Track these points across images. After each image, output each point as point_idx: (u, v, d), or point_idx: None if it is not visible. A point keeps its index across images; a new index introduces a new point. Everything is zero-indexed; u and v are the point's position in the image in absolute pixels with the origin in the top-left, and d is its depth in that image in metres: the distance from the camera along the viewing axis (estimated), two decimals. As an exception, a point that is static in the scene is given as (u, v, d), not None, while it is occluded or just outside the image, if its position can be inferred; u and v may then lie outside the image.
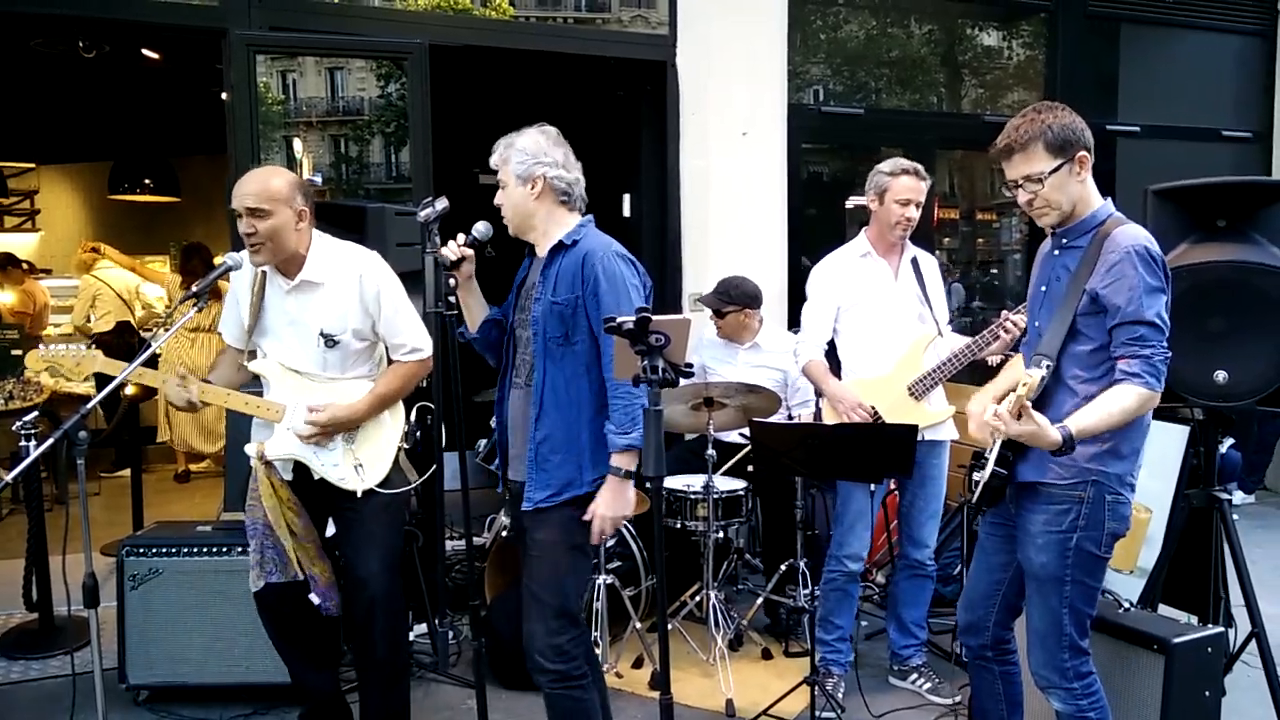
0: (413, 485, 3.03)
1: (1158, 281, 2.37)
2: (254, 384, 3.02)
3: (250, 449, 2.91)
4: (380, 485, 2.92)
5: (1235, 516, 3.38)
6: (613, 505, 2.56)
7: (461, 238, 2.65)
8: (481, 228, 2.68)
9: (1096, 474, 2.45)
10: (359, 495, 2.89)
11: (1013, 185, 2.54)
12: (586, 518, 2.57)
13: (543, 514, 2.61)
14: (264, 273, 2.93)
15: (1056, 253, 2.58)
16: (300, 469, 2.93)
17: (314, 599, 2.94)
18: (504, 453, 2.77)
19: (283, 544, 2.88)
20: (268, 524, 2.90)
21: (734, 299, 4.48)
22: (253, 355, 3.02)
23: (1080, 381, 2.47)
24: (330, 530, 3.06)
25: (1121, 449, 2.46)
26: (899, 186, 3.58)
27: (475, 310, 2.79)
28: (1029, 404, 2.28)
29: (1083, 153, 2.46)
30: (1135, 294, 2.35)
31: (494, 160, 2.69)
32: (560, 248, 2.63)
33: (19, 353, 5.52)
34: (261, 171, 2.88)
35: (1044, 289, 2.62)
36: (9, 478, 2.54)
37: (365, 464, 2.92)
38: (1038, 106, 2.50)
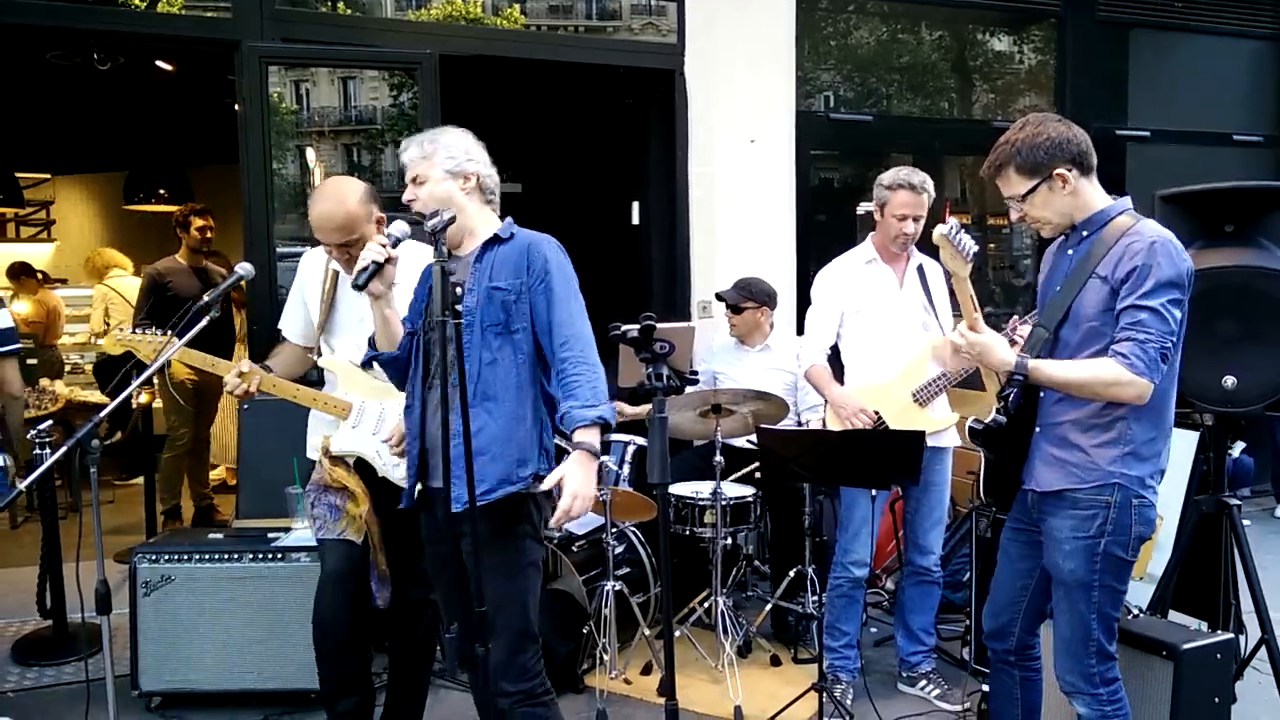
0: None
1: (1175, 277, 2.34)
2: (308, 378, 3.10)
3: (315, 443, 2.96)
4: None
5: (1247, 522, 3.37)
6: (585, 482, 2.35)
7: (384, 239, 2.43)
8: (400, 227, 2.47)
9: (1119, 477, 2.44)
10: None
11: (1008, 203, 2.57)
12: (547, 485, 2.38)
13: (491, 529, 2.43)
14: (336, 272, 2.96)
15: (1070, 252, 2.56)
16: (360, 467, 2.95)
17: (373, 585, 2.96)
18: (421, 463, 2.54)
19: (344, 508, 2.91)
20: (322, 484, 2.94)
21: (753, 295, 4.55)
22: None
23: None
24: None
25: (1141, 451, 2.45)
26: (896, 201, 3.59)
27: (394, 324, 2.57)
28: (975, 309, 2.42)
29: (1062, 169, 2.43)
30: (1146, 281, 2.33)
31: (411, 155, 2.58)
32: (495, 240, 2.56)
33: (33, 362, 5.58)
34: (330, 198, 2.79)
35: (1058, 290, 2.58)
36: (23, 485, 2.58)
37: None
38: (1017, 124, 2.51)
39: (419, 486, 2.57)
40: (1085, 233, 2.51)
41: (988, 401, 2.65)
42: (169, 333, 2.92)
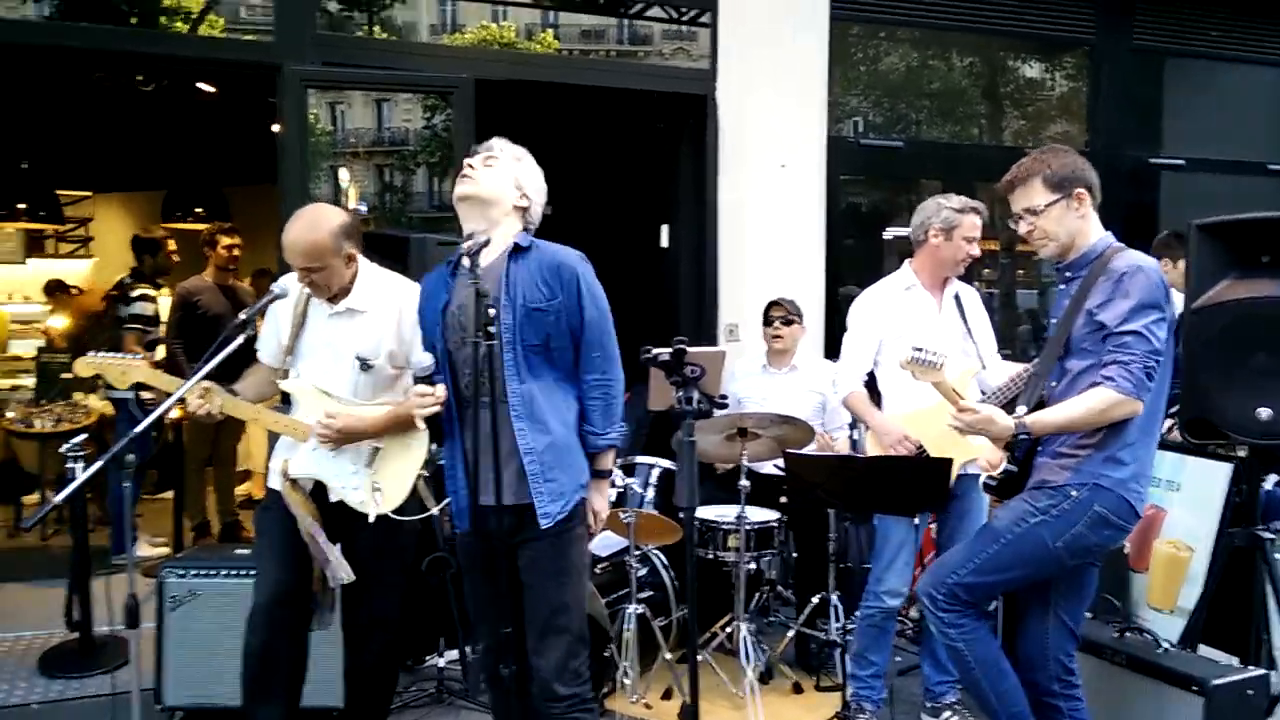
0: (428, 513, 2.98)
1: (1150, 299, 2.54)
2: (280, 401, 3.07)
3: (275, 465, 2.94)
4: (396, 512, 2.88)
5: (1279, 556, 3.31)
6: (604, 504, 2.69)
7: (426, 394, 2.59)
8: (427, 360, 2.66)
9: (1099, 477, 2.60)
10: (371, 520, 2.87)
11: (1016, 217, 2.79)
12: (592, 518, 2.66)
13: (553, 534, 2.54)
14: (308, 295, 2.96)
15: (1063, 287, 2.77)
16: (318, 489, 2.94)
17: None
18: (471, 479, 2.49)
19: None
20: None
21: (797, 314, 4.66)
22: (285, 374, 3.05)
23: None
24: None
25: (1121, 456, 2.60)
26: (968, 224, 3.60)
27: None
28: (959, 398, 2.62)
29: (1081, 190, 2.68)
30: (1124, 307, 2.54)
31: (502, 147, 2.71)
32: (517, 250, 2.59)
33: (69, 376, 5.65)
34: (305, 223, 2.84)
35: (1054, 321, 2.80)
36: (56, 500, 2.60)
37: (383, 488, 2.89)
38: (1044, 148, 2.77)
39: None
40: (1070, 274, 2.75)
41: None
42: (139, 356, 2.97)
